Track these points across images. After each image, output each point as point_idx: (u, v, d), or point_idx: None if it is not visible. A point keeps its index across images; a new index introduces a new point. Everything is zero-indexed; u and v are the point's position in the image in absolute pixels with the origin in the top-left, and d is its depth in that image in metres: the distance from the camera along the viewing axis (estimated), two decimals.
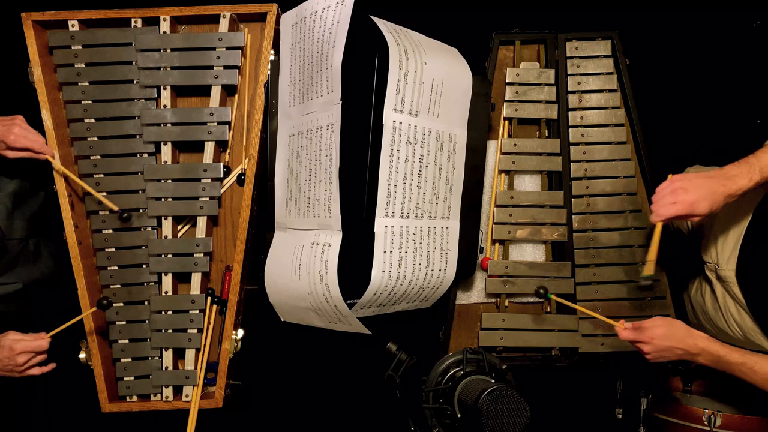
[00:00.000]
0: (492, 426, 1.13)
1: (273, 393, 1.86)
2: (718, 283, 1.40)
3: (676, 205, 1.21)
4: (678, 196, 1.22)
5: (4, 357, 1.27)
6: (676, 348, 1.26)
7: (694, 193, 1.20)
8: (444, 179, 1.30)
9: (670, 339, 1.26)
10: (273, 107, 1.38)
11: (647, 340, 1.26)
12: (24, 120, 1.34)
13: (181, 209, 1.42)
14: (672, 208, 1.22)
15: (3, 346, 1.27)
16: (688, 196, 1.21)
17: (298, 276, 1.24)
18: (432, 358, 1.40)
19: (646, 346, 1.27)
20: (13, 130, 1.30)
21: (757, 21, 1.87)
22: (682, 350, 1.26)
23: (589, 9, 1.87)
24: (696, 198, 1.20)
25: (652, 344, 1.26)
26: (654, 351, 1.27)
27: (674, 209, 1.22)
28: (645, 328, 1.27)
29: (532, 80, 1.52)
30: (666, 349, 1.26)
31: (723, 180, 1.21)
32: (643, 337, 1.27)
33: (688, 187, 1.21)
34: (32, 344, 1.29)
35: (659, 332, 1.26)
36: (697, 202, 1.20)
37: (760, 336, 1.34)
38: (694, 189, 1.21)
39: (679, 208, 1.21)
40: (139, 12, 1.41)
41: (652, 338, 1.26)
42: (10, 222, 1.44)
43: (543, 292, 1.38)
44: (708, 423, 1.39)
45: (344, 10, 1.17)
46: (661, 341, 1.26)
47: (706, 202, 1.19)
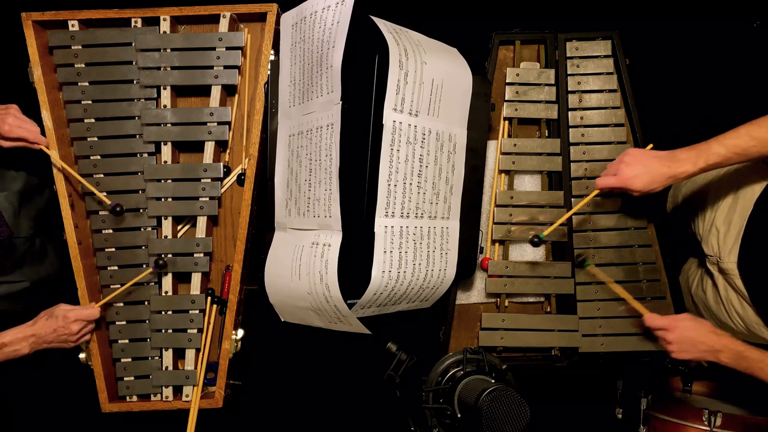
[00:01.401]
0: (492, 426, 1.13)
1: (273, 393, 1.86)
2: (720, 276, 1.40)
3: (615, 177, 1.29)
4: (620, 169, 1.28)
5: (59, 327, 1.29)
6: (699, 342, 1.26)
7: (635, 169, 1.26)
8: (444, 179, 1.30)
9: (695, 331, 1.27)
10: (273, 107, 1.38)
11: (671, 328, 1.28)
12: (18, 109, 1.34)
13: (181, 209, 1.42)
14: (610, 179, 1.30)
15: (57, 316, 1.30)
16: (628, 171, 1.27)
17: (298, 276, 1.24)
18: (432, 358, 1.40)
19: (670, 335, 1.28)
20: (7, 120, 1.30)
21: (757, 21, 1.87)
22: (705, 345, 1.26)
23: (589, 9, 1.87)
24: (635, 174, 1.26)
25: (676, 333, 1.27)
26: (677, 342, 1.28)
27: (611, 181, 1.30)
28: (671, 317, 1.30)
29: (532, 80, 1.52)
30: (689, 341, 1.27)
31: (669, 162, 1.25)
32: (668, 324, 1.28)
33: (632, 162, 1.27)
34: (85, 312, 1.33)
35: (685, 323, 1.28)
36: (635, 177, 1.26)
37: (763, 328, 1.34)
38: (636, 165, 1.26)
39: (614, 181, 1.29)
40: (139, 12, 1.41)
41: (677, 326, 1.27)
42: (17, 220, 1.44)
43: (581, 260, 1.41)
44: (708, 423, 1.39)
45: (344, 10, 1.17)
46: (686, 332, 1.27)
47: (644, 178, 1.25)
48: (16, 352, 1.28)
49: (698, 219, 1.47)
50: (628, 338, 1.48)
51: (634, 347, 1.47)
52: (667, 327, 1.29)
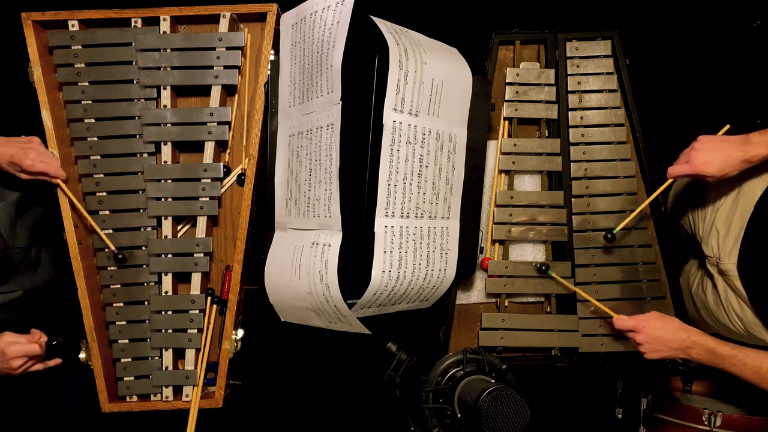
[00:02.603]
0: (492, 426, 1.13)
1: (273, 393, 1.86)
2: (719, 277, 1.40)
3: (688, 164, 1.26)
4: (691, 155, 1.26)
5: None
6: (669, 340, 1.27)
7: (707, 154, 1.24)
8: (444, 179, 1.30)
9: (664, 329, 1.28)
10: (273, 107, 1.38)
11: (639, 329, 1.29)
12: (40, 142, 1.34)
13: (181, 209, 1.42)
14: (682, 167, 1.28)
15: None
16: (699, 157, 1.24)
17: (298, 276, 1.24)
18: (432, 358, 1.40)
19: (640, 336, 1.30)
20: (30, 154, 1.29)
21: (757, 21, 1.87)
22: (674, 342, 1.27)
23: (589, 9, 1.87)
24: (707, 159, 1.24)
25: (644, 333, 1.29)
26: (647, 342, 1.29)
27: (684, 168, 1.27)
28: (639, 318, 1.32)
29: (532, 80, 1.52)
30: (659, 341, 1.28)
31: (741, 145, 1.23)
32: (636, 325, 1.30)
33: (702, 149, 1.25)
34: (25, 348, 1.29)
35: (653, 323, 1.29)
36: (707, 163, 1.24)
37: (762, 330, 1.34)
38: (707, 150, 1.25)
39: (687, 168, 1.26)
40: (139, 12, 1.41)
41: (644, 327, 1.29)
42: (13, 231, 1.43)
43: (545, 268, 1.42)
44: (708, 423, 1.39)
45: (344, 10, 1.17)
46: (655, 331, 1.28)
47: (717, 164, 1.23)
48: None
49: (698, 220, 1.47)
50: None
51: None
52: (635, 328, 1.30)
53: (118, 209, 1.43)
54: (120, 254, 1.37)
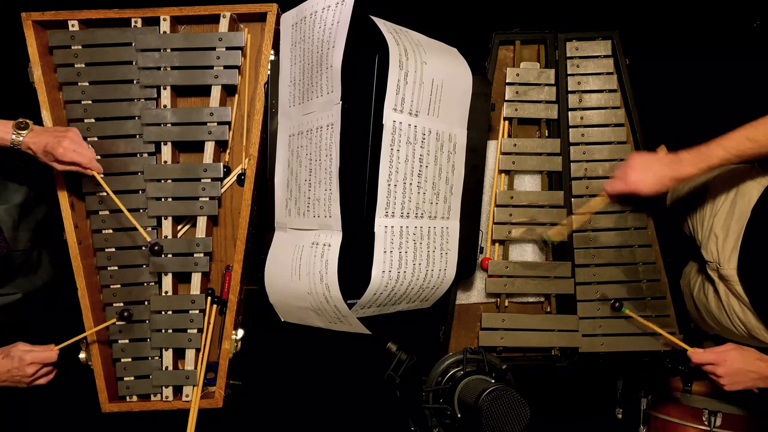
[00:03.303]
0: (492, 426, 1.13)
1: (273, 393, 1.86)
2: (720, 282, 1.40)
3: (623, 182, 1.34)
4: (627, 173, 1.33)
5: (13, 368, 1.26)
6: (749, 371, 1.26)
7: (641, 173, 1.31)
8: (444, 179, 1.30)
9: (744, 361, 1.26)
10: (273, 107, 1.38)
11: (720, 362, 1.27)
12: (77, 132, 1.31)
13: (181, 209, 1.42)
14: (618, 183, 1.35)
15: (12, 357, 1.26)
16: (634, 175, 1.32)
17: (298, 276, 1.24)
18: (432, 358, 1.40)
19: (720, 369, 1.27)
20: (63, 143, 1.27)
21: (757, 21, 1.87)
22: (755, 373, 1.26)
23: (589, 9, 1.87)
24: (641, 177, 1.31)
25: (725, 366, 1.26)
26: (728, 374, 1.27)
27: (620, 185, 1.35)
28: (717, 350, 1.28)
29: (532, 80, 1.52)
30: (740, 373, 1.26)
31: (672, 164, 1.29)
32: (716, 359, 1.27)
33: (637, 167, 1.32)
34: (41, 356, 1.29)
35: (732, 354, 1.27)
36: (641, 181, 1.31)
37: (765, 333, 1.35)
38: (642, 169, 1.31)
39: (622, 185, 1.34)
40: (139, 12, 1.41)
41: (725, 360, 1.26)
42: (16, 233, 1.43)
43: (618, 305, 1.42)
44: (708, 423, 1.39)
45: (344, 10, 1.17)
46: (735, 363, 1.26)
47: (649, 181, 1.30)
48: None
49: (697, 224, 1.47)
50: (628, 338, 1.48)
51: (634, 347, 1.47)
52: (715, 361, 1.27)
53: (118, 209, 1.42)
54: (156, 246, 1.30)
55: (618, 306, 1.42)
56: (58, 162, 1.28)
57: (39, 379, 1.32)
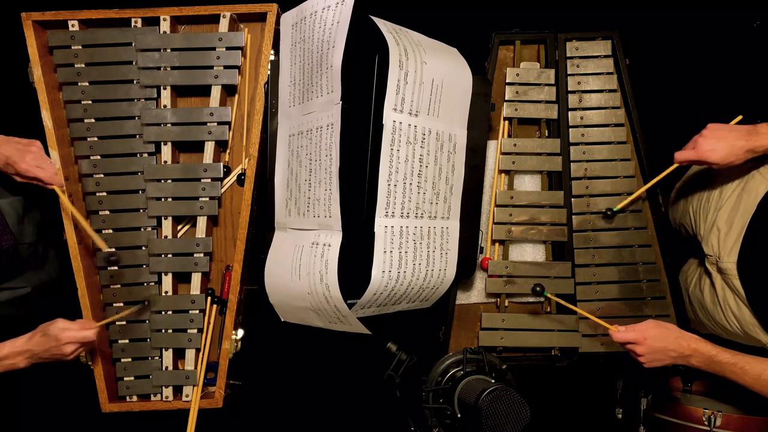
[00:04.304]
0: (492, 426, 1.13)
1: (273, 393, 1.86)
2: (718, 276, 1.40)
3: (694, 150, 1.29)
4: (699, 142, 1.29)
5: (51, 347, 1.26)
6: (669, 349, 1.26)
7: (714, 142, 1.26)
8: (444, 179, 1.30)
9: (663, 340, 1.26)
10: (273, 107, 1.38)
11: (640, 341, 1.27)
12: (40, 146, 1.32)
13: (181, 209, 1.42)
14: (689, 153, 1.31)
15: (50, 336, 1.26)
16: (706, 144, 1.27)
17: (298, 276, 1.24)
18: (432, 358, 1.40)
19: (640, 347, 1.27)
20: (26, 158, 1.28)
21: (757, 21, 1.87)
22: (675, 352, 1.26)
23: (589, 9, 1.87)
24: (713, 147, 1.26)
25: (645, 345, 1.27)
26: (647, 353, 1.27)
27: (690, 154, 1.30)
28: (637, 329, 1.28)
29: (532, 80, 1.52)
30: (659, 351, 1.27)
31: (749, 135, 1.25)
32: (636, 337, 1.27)
33: (710, 136, 1.28)
34: (79, 335, 1.27)
35: (652, 333, 1.27)
36: (713, 150, 1.26)
37: (759, 330, 1.34)
38: (714, 138, 1.27)
39: (693, 154, 1.29)
40: (139, 12, 1.41)
41: (645, 338, 1.27)
42: (21, 227, 1.43)
43: (539, 289, 1.39)
44: (708, 423, 1.39)
45: (344, 10, 1.17)
46: (654, 342, 1.26)
47: (722, 152, 1.26)
48: (13, 366, 1.26)
49: (700, 218, 1.47)
50: None
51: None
52: (635, 340, 1.28)
53: (118, 209, 1.43)
54: (113, 257, 1.37)
55: (540, 290, 1.39)
56: (20, 176, 1.29)
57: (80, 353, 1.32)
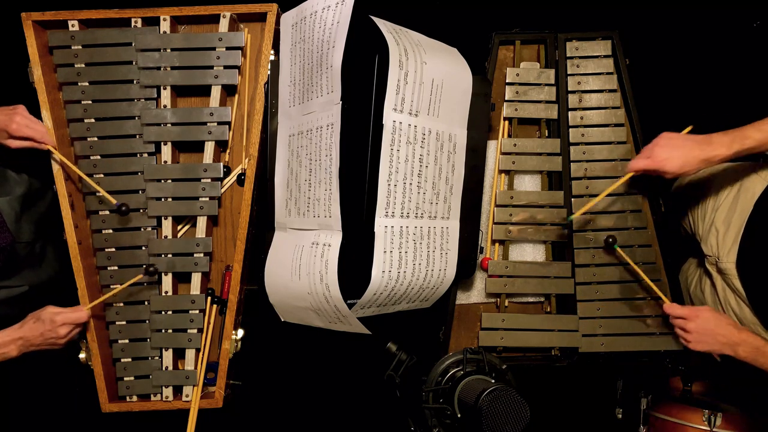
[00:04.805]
0: (492, 426, 1.13)
1: (273, 393, 1.86)
2: (718, 276, 1.40)
3: (649, 159, 1.29)
4: (654, 151, 1.28)
5: (46, 330, 1.28)
6: (719, 333, 1.26)
7: (669, 151, 1.26)
8: (444, 179, 1.30)
9: (716, 322, 1.26)
10: (273, 107, 1.38)
11: (692, 317, 1.27)
12: (25, 109, 1.34)
13: (181, 209, 1.42)
14: (644, 161, 1.30)
15: (44, 320, 1.28)
16: (661, 153, 1.27)
17: (298, 276, 1.24)
18: (432, 358, 1.40)
19: (690, 324, 1.27)
20: (15, 119, 1.30)
21: (757, 21, 1.87)
22: (724, 337, 1.25)
23: (589, 9, 1.87)
24: (668, 156, 1.26)
25: (696, 323, 1.27)
26: (697, 331, 1.27)
27: (644, 163, 1.30)
28: (692, 307, 1.30)
29: (532, 80, 1.52)
30: (708, 332, 1.26)
31: (703, 145, 1.25)
32: (689, 313, 1.28)
33: (666, 145, 1.28)
34: (72, 316, 1.30)
35: (706, 314, 1.27)
36: (668, 159, 1.26)
37: (760, 329, 1.35)
38: (669, 147, 1.27)
39: (648, 163, 1.29)
40: (139, 12, 1.41)
41: (697, 316, 1.27)
42: (19, 225, 1.44)
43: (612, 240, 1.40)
44: (708, 423, 1.39)
45: (344, 10, 1.17)
46: (706, 323, 1.26)
47: (677, 161, 1.25)
48: (4, 355, 1.27)
49: (698, 219, 1.47)
50: (628, 338, 1.48)
51: (634, 347, 1.47)
52: (687, 316, 1.28)
53: None
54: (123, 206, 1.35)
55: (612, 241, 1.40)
56: (12, 138, 1.31)
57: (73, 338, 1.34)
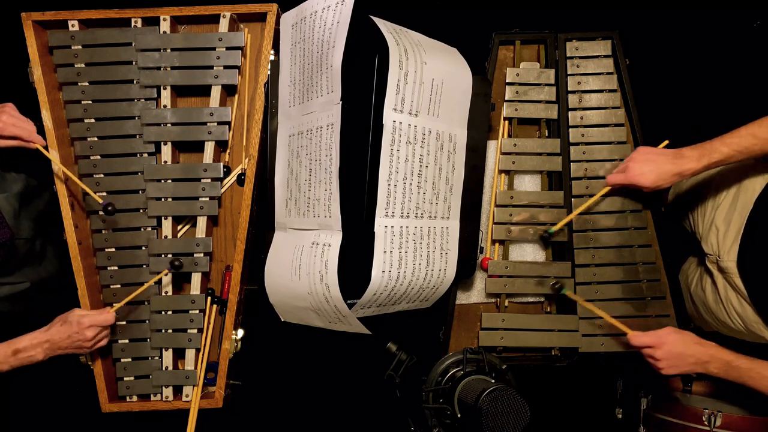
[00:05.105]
0: (492, 426, 1.13)
1: (273, 393, 1.86)
2: (719, 275, 1.40)
3: (624, 174, 1.35)
4: (629, 166, 1.34)
5: (73, 333, 1.26)
6: (687, 355, 1.27)
7: (643, 166, 1.32)
8: (444, 179, 1.30)
9: (682, 345, 1.27)
10: (273, 107, 1.38)
11: (658, 345, 1.28)
12: (14, 107, 1.32)
13: (181, 209, 1.42)
14: (619, 176, 1.37)
15: (71, 323, 1.26)
16: (636, 168, 1.32)
17: (298, 276, 1.24)
18: (432, 358, 1.40)
19: (658, 352, 1.28)
20: (2, 117, 1.28)
21: (757, 21, 1.87)
22: (693, 357, 1.27)
23: (589, 9, 1.87)
24: (642, 171, 1.31)
25: (664, 349, 1.27)
26: (666, 357, 1.28)
27: (620, 177, 1.36)
28: (656, 334, 1.29)
29: (532, 80, 1.52)
30: (677, 356, 1.27)
31: (674, 159, 1.30)
32: (654, 341, 1.28)
33: (640, 160, 1.33)
34: (99, 318, 1.28)
35: (670, 338, 1.28)
36: (642, 174, 1.31)
37: (762, 327, 1.35)
38: (644, 162, 1.32)
39: (623, 178, 1.35)
40: (139, 12, 1.41)
41: (663, 343, 1.27)
42: (17, 222, 1.44)
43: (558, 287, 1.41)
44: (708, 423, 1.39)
45: (344, 10, 1.17)
46: (672, 347, 1.27)
47: (651, 175, 1.30)
48: (31, 359, 1.26)
49: (698, 217, 1.47)
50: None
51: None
52: (653, 344, 1.28)
53: (118, 209, 1.42)
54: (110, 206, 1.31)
55: (558, 287, 1.42)
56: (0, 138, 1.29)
57: (99, 342, 1.32)
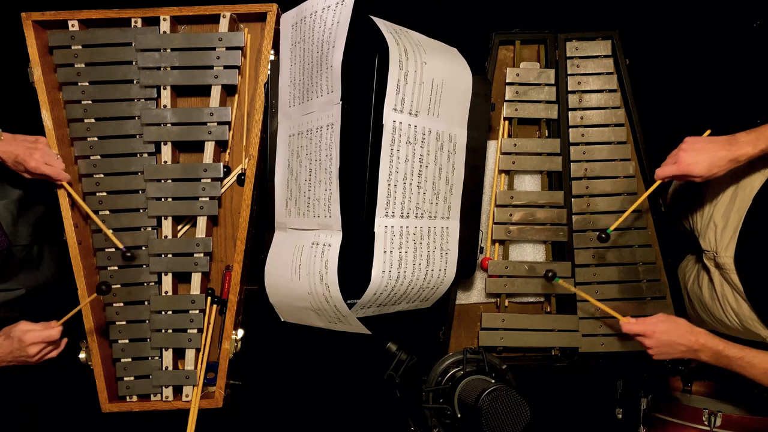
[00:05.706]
0: (492, 426, 1.13)
1: (273, 393, 1.86)
2: (716, 271, 1.40)
3: (675, 165, 1.28)
4: (679, 156, 1.28)
5: (15, 349, 1.25)
6: (678, 343, 1.28)
7: (695, 155, 1.26)
8: (444, 179, 1.30)
9: (672, 333, 1.29)
10: (273, 107, 1.38)
11: (650, 334, 1.29)
12: (46, 142, 1.35)
13: (181, 209, 1.42)
14: (670, 168, 1.29)
15: (13, 338, 1.25)
16: (687, 157, 1.26)
17: (298, 276, 1.24)
18: (432, 358, 1.40)
19: (649, 340, 1.30)
20: (35, 155, 1.31)
21: (757, 21, 1.87)
22: (684, 346, 1.28)
23: (589, 9, 1.87)
24: (695, 160, 1.26)
25: (654, 338, 1.29)
26: (657, 345, 1.29)
27: (671, 169, 1.29)
28: (648, 321, 1.31)
29: (532, 80, 1.52)
30: (668, 344, 1.29)
31: (728, 145, 1.25)
32: (645, 330, 1.30)
33: (690, 149, 1.27)
34: (42, 334, 1.27)
35: (662, 326, 1.29)
36: (695, 163, 1.26)
37: (758, 324, 1.35)
38: (694, 151, 1.27)
39: (675, 169, 1.29)
40: (139, 12, 1.41)
41: (654, 331, 1.29)
42: (16, 228, 1.44)
43: (551, 275, 1.40)
44: (708, 423, 1.39)
45: (344, 10, 1.17)
46: (664, 335, 1.29)
47: (704, 164, 1.25)
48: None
49: (697, 214, 1.48)
50: (628, 338, 1.47)
51: (634, 347, 1.47)
52: (644, 333, 1.30)
53: (118, 209, 1.43)
54: (129, 252, 1.37)
55: (551, 275, 1.41)
56: (29, 173, 1.32)
57: (46, 356, 1.30)
